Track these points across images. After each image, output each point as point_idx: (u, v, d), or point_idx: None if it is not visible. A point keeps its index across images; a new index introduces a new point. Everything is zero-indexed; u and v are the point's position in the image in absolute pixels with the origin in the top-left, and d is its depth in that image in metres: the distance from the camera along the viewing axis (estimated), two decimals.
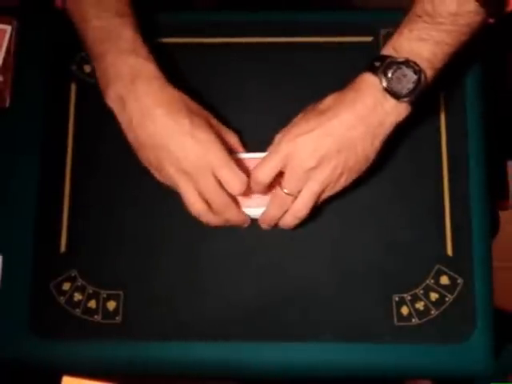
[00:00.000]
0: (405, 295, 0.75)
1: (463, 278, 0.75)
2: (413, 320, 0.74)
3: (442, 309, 0.74)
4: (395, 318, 0.74)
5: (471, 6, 0.65)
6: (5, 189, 0.78)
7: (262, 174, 0.70)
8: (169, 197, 0.73)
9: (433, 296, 0.75)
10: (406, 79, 0.67)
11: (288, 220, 0.73)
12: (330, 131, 0.68)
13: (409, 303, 0.74)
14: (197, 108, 0.72)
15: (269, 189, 0.72)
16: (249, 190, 0.72)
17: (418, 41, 0.67)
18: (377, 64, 0.68)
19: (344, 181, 0.71)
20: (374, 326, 0.74)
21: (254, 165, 0.72)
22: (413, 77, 0.67)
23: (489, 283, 0.75)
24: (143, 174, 0.72)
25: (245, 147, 0.77)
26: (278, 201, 0.71)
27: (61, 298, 0.75)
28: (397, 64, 0.67)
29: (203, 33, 0.81)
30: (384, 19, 0.81)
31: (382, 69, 0.67)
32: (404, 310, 0.74)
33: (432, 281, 0.75)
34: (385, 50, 0.69)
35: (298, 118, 0.72)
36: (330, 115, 0.68)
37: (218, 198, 0.70)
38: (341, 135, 0.68)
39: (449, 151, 0.78)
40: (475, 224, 0.76)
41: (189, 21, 0.82)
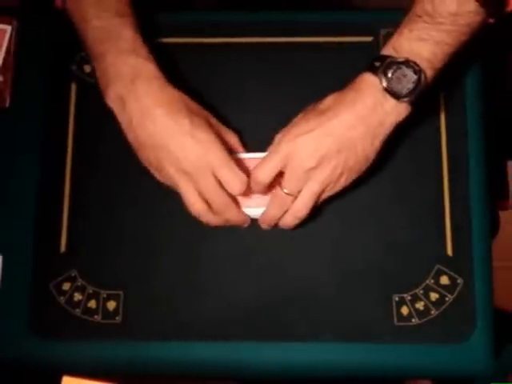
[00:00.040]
0: (405, 295, 0.75)
1: (463, 278, 0.75)
2: (413, 320, 0.74)
3: (442, 309, 0.74)
4: (395, 318, 0.74)
5: (471, 6, 0.65)
6: (5, 189, 0.78)
7: (262, 174, 0.70)
8: (169, 197, 0.73)
9: (433, 296, 0.75)
10: (406, 79, 0.67)
11: (288, 220, 0.73)
12: (330, 131, 0.68)
13: (409, 303, 0.74)
14: (197, 108, 0.72)
15: (269, 189, 0.72)
16: (249, 190, 0.72)
17: (418, 41, 0.67)
18: (377, 64, 0.68)
19: (344, 181, 0.71)
20: (374, 326, 0.74)
21: (254, 165, 0.72)
22: (413, 77, 0.67)
23: (489, 283, 0.75)
24: (143, 174, 0.72)
25: (245, 147, 0.77)
26: (278, 201, 0.71)
27: (61, 298, 0.75)
28: (397, 64, 0.67)
29: (203, 33, 0.81)
30: (384, 19, 0.81)
31: (382, 69, 0.67)
32: (404, 310, 0.74)
33: (432, 281, 0.75)
34: (385, 50, 0.69)
35: (298, 118, 0.72)
36: (330, 115, 0.68)
37: (218, 198, 0.70)
38: (341, 135, 0.68)
39: (449, 151, 0.78)
40: (475, 224, 0.76)
41: (189, 21, 0.82)
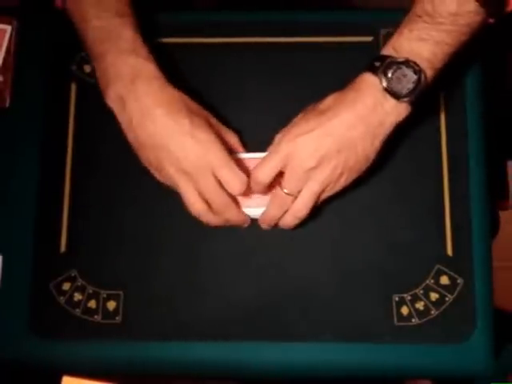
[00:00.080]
0: (405, 295, 0.75)
1: (463, 278, 0.75)
2: (413, 320, 0.74)
3: (442, 309, 0.74)
4: (395, 318, 0.74)
5: (471, 6, 0.65)
6: (5, 189, 0.78)
7: (262, 174, 0.70)
8: (169, 197, 0.73)
9: (433, 296, 0.75)
10: (406, 79, 0.67)
11: (288, 220, 0.73)
12: (330, 131, 0.68)
13: (409, 303, 0.74)
14: (197, 108, 0.72)
15: (269, 189, 0.72)
16: (249, 190, 0.72)
17: (418, 41, 0.67)
18: (377, 64, 0.68)
19: (344, 181, 0.70)
20: (374, 326, 0.74)
21: (254, 165, 0.72)
22: (413, 77, 0.67)
23: (489, 283, 0.75)
24: (143, 174, 0.72)
25: (245, 147, 0.77)
26: (278, 201, 0.71)
27: (61, 298, 0.75)
28: (397, 64, 0.67)
29: (203, 33, 0.81)
30: (384, 19, 0.81)
31: (382, 69, 0.67)
32: (404, 310, 0.74)
33: (432, 281, 0.75)
34: (385, 50, 0.69)
35: (298, 118, 0.72)
36: (330, 115, 0.68)
37: (218, 198, 0.70)
38: (341, 135, 0.68)
39: (449, 151, 0.78)
40: (475, 224, 0.76)
41: (189, 21, 0.82)
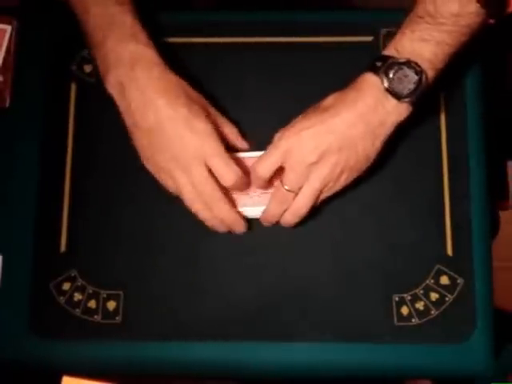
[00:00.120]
0: (405, 295, 0.75)
1: (463, 278, 0.75)
2: (413, 320, 0.74)
3: (442, 309, 0.74)
4: (395, 318, 0.74)
5: (473, 7, 0.66)
6: (5, 189, 0.78)
7: (262, 169, 0.70)
8: (169, 197, 0.73)
9: (433, 296, 0.74)
10: (408, 80, 0.67)
11: (288, 218, 0.73)
12: (332, 128, 0.68)
13: (409, 303, 0.74)
14: (196, 96, 0.72)
15: (268, 185, 0.73)
16: (246, 187, 0.72)
17: (420, 41, 0.67)
18: (378, 64, 0.68)
19: (344, 180, 0.71)
20: (374, 326, 0.74)
21: (251, 164, 0.72)
22: (414, 77, 0.67)
23: (489, 283, 0.75)
24: (143, 174, 0.72)
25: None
26: (279, 198, 0.71)
27: (61, 298, 0.75)
28: (398, 64, 0.67)
29: (202, 33, 0.81)
30: (384, 19, 0.81)
31: (384, 69, 0.67)
32: (404, 310, 0.74)
33: (432, 281, 0.75)
34: (387, 51, 0.69)
35: (299, 118, 0.72)
36: (332, 113, 0.68)
37: (208, 189, 0.69)
38: (342, 133, 0.68)
39: (449, 151, 0.78)
40: (475, 224, 0.76)
41: (187, 21, 0.82)
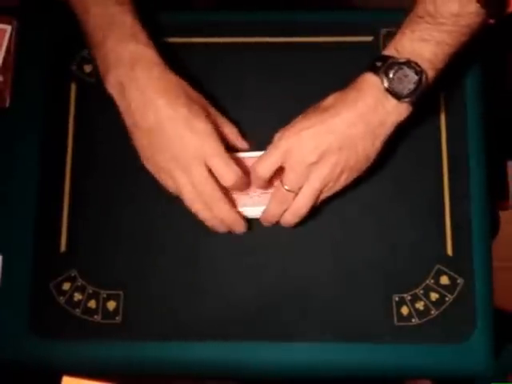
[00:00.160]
0: (405, 295, 0.75)
1: (463, 278, 0.75)
2: (413, 320, 0.74)
3: (442, 309, 0.74)
4: (395, 318, 0.74)
5: (473, 7, 0.66)
6: (5, 189, 0.78)
7: (262, 169, 0.70)
8: (169, 197, 0.73)
9: (433, 296, 0.74)
10: (408, 80, 0.67)
11: (288, 218, 0.73)
12: (332, 128, 0.68)
13: (409, 303, 0.74)
14: (196, 96, 0.72)
15: (268, 185, 0.72)
16: (246, 187, 0.72)
17: (420, 41, 0.67)
18: (378, 64, 0.68)
19: (344, 180, 0.71)
20: (374, 326, 0.74)
21: (251, 164, 0.72)
22: (414, 77, 0.67)
23: (489, 283, 0.75)
24: (143, 175, 0.72)
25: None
26: (279, 198, 0.71)
27: (61, 298, 0.75)
28: (398, 64, 0.67)
29: (202, 33, 0.81)
30: (384, 19, 0.81)
31: (384, 69, 0.67)
32: (404, 310, 0.74)
33: (432, 281, 0.75)
34: (387, 51, 0.69)
35: (299, 118, 0.72)
36: (332, 113, 0.68)
37: (208, 189, 0.69)
38: (342, 133, 0.68)
39: (449, 151, 0.78)
40: (475, 224, 0.76)
41: (187, 21, 0.82)
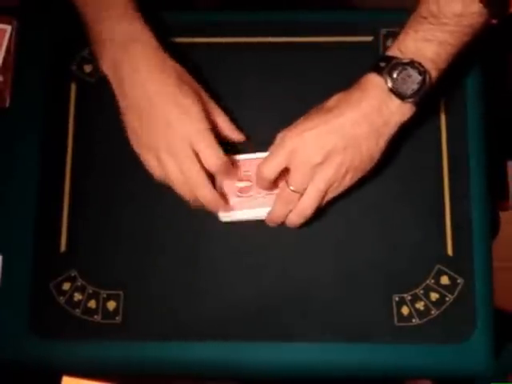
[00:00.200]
0: (405, 295, 0.75)
1: (463, 278, 0.75)
2: (413, 320, 0.74)
3: (443, 309, 0.74)
4: (395, 318, 0.74)
5: (475, 7, 0.66)
6: (5, 189, 0.78)
7: (267, 170, 0.70)
8: (169, 198, 0.73)
9: (433, 296, 0.74)
10: (411, 80, 0.67)
11: (293, 219, 0.72)
12: (336, 128, 0.68)
13: (409, 303, 0.74)
14: (189, 79, 0.73)
15: (273, 187, 0.72)
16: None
17: (423, 42, 0.67)
18: (382, 64, 0.68)
19: (349, 180, 0.71)
20: (375, 327, 0.74)
21: (255, 165, 0.72)
22: (417, 78, 0.67)
23: (489, 283, 0.75)
24: (144, 175, 0.72)
25: (245, 147, 0.77)
26: (284, 198, 0.71)
27: (61, 298, 0.75)
28: (402, 65, 0.67)
29: (204, 33, 0.81)
30: (384, 19, 0.81)
31: (388, 69, 0.67)
32: (404, 310, 0.74)
33: (432, 281, 0.75)
34: (390, 51, 0.69)
35: (302, 119, 0.71)
36: (336, 113, 0.68)
37: (192, 171, 0.70)
38: (346, 133, 0.68)
39: (449, 151, 0.78)
40: (475, 224, 0.76)
41: (190, 21, 0.82)
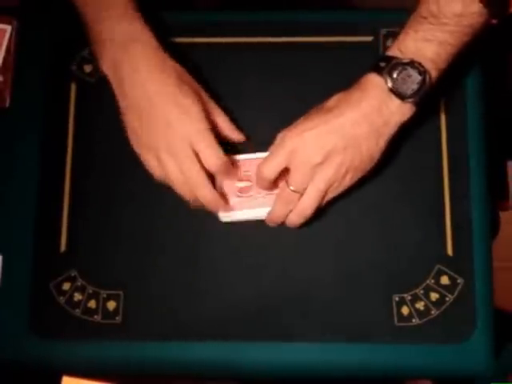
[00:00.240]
0: (405, 295, 0.75)
1: (463, 278, 0.75)
2: (413, 320, 0.74)
3: (443, 309, 0.74)
4: (395, 318, 0.74)
5: (475, 7, 0.66)
6: (5, 189, 0.78)
7: (268, 170, 0.70)
8: (169, 198, 0.73)
9: (433, 296, 0.74)
10: (411, 80, 0.67)
11: (293, 219, 0.72)
12: (336, 128, 0.68)
13: (409, 303, 0.74)
14: (189, 79, 0.73)
15: (273, 187, 0.72)
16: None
17: (423, 42, 0.67)
18: (382, 65, 0.68)
19: (349, 180, 0.71)
20: (375, 327, 0.74)
21: (255, 165, 0.72)
22: (417, 78, 0.67)
23: (489, 283, 0.75)
24: (143, 175, 0.72)
25: (245, 147, 0.77)
26: (284, 198, 0.71)
27: (61, 298, 0.75)
28: (402, 65, 0.67)
29: (204, 33, 0.81)
30: (384, 19, 0.81)
31: (388, 69, 0.67)
32: (404, 310, 0.74)
33: (432, 281, 0.75)
34: (390, 51, 0.69)
35: (302, 119, 0.71)
36: (336, 113, 0.68)
37: (192, 171, 0.70)
38: (346, 133, 0.68)
39: (449, 151, 0.78)
40: (475, 224, 0.76)
41: (190, 21, 0.82)
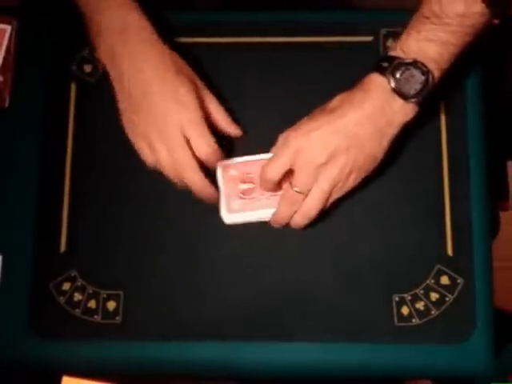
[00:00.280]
0: (405, 295, 0.75)
1: (463, 278, 0.75)
2: (413, 320, 0.74)
3: (443, 309, 0.74)
4: (395, 318, 0.74)
5: (478, 8, 0.66)
6: (5, 189, 0.78)
7: (272, 172, 0.70)
8: (169, 198, 0.73)
9: (433, 296, 0.75)
10: (414, 80, 0.67)
11: (298, 220, 0.72)
12: (339, 129, 0.68)
13: (409, 303, 0.74)
14: (186, 69, 0.73)
15: (277, 188, 0.72)
16: (251, 191, 0.72)
17: (426, 42, 0.67)
18: (385, 65, 0.68)
19: (353, 180, 0.71)
20: (375, 327, 0.74)
21: (256, 166, 0.72)
22: (420, 78, 0.67)
23: (489, 283, 0.75)
24: (144, 175, 0.72)
25: (245, 147, 0.77)
26: (289, 200, 0.71)
27: (61, 298, 0.75)
28: (405, 65, 0.67)
29: (204, 33, 0.81)
30: (384, 19, 0.81)
31: (391, 70, 0.67)
32: (404, 310, 0.74)
33: (432, 281, 0.75)
34: (393, 51, 0.69)
35: (305, 119, 0.71)
36: (339, 114, 0.68)
37: (181, 156, 0.70)
38: (349, 133, 0.68)
39: (449, 151, 0.78)
40: (475, 224, 0.76)
41: (190, 21, 0.82)
